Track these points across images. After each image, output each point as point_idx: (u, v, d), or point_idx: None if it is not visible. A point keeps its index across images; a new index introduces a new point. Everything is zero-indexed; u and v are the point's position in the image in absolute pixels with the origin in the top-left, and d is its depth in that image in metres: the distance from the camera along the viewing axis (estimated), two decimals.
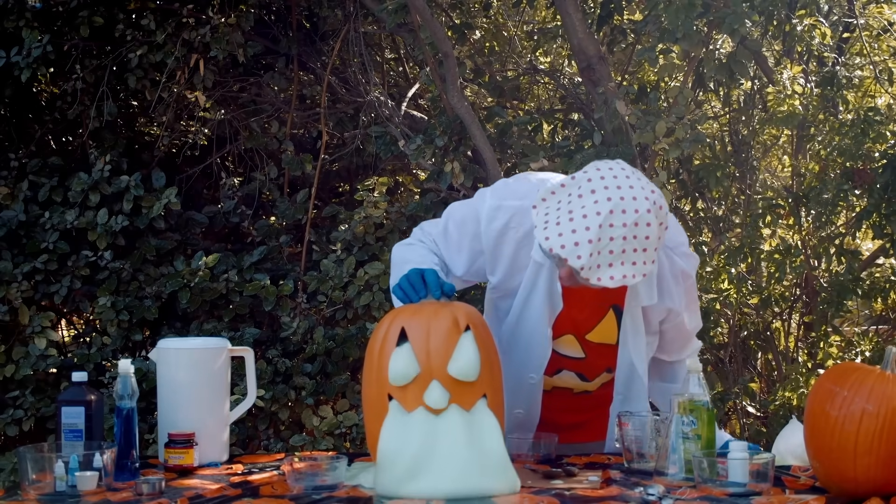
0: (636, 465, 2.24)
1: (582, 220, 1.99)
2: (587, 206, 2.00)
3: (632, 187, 2.02)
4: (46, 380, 4.80)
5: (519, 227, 2.25)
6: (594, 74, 4.31)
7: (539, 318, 2.30)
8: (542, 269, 2.26)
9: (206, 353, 2.38)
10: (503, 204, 2.27)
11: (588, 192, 2.02)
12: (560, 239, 2.00)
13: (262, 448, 4.54)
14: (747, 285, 4.76)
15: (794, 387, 4.48)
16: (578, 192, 2.03)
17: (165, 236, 4.94)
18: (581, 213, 2.00)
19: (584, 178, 2.05)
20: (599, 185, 2.02)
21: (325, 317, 4.69)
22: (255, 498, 1.99)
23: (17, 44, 4.87)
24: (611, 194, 2.00)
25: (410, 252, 2.37)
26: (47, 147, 5.38)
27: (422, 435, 1.99)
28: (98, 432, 2.27)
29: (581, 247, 1.98)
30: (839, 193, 4.37)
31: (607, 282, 2.02)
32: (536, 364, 2.34)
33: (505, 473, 1.99)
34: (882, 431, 1.86)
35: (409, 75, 5.71)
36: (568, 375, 2.43)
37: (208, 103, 5.17)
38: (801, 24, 4.47)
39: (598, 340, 2.35)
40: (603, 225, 1.98)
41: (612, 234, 1.99)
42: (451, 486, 1.95)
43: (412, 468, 1.96)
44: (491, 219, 2.27)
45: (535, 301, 2.29)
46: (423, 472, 1.96)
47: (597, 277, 2.01)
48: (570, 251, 1.99)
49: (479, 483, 1.96)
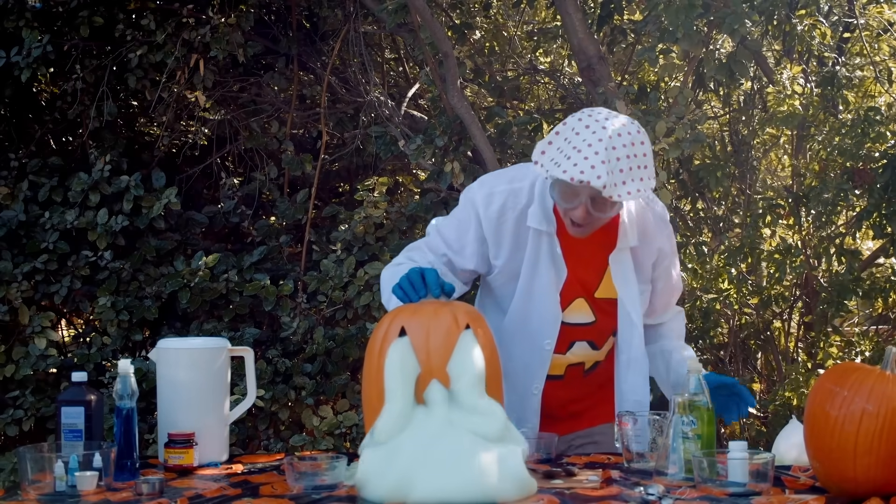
0: (636, 465, 2.24)
1: (588, 148, 2.21)
2: (588, 138, 2.22)
3: (617, 118, 2.28)
4: (46, 380, 4.80)
5: (515, 206, 2.42)
6: (594, 74, 4.31)
7: (548, 285, 2.43)
8: (543, 236, 2.42)
9: (206, 353, 2.39)
10: (494, 190, 2.44)
11: (584, 129, 2.24)
12: (577, 168, 2.20)
13: (262, 448, 4.55)
14: (747, 285, 4.76)
15: (794, 387, 4.47)
16: (574, 131, 2.25)
17: (165, 236, 4.94)
18: (586, 144, 2.22)
19: (573, 121, 2.28)
20: (590, 121, 2.26)
21: (325, 317, 4.69)
22: (255, 498, 2.00)
23: (17, 44, 4.87)
24: (604, 125, 2.25)
25: (401, 270, 2.36)
26: (47, 147, 5.38)
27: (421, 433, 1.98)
28: (98, 432, 2.28)
29: (597, 168, 2.19)
30: (839, 193, 4.37)
31: (626, 196, 2.22)
32: (550, 330, 2.45)
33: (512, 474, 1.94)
34: (882, 431, 1.87)
35: (409, 75, 5.71)
36: (580, 347, 2.50)
37: (208, 103, 5.17)
38: (801, 24, 4.47)
39: (605, 296, 2.48)
40: (608, 148, 2.20)
41: (618, 155, 2.21)
42: (457, 488, 1.90)
43: (411, 468, 1.95)
44: (487, 204, 2.42)
45: (542, 269, 2.43)
46: (424, 472, 1.95)
47: (617, 194, 2.22)
48: (589, 174, 2.19)
49: (486, 485, 1.91)
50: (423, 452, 1.94)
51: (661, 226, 2.52)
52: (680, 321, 2.68)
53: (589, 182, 2.19)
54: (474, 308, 2.18)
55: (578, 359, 2.52)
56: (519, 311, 2.46)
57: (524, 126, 4.80)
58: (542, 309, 2.44)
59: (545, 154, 2.29)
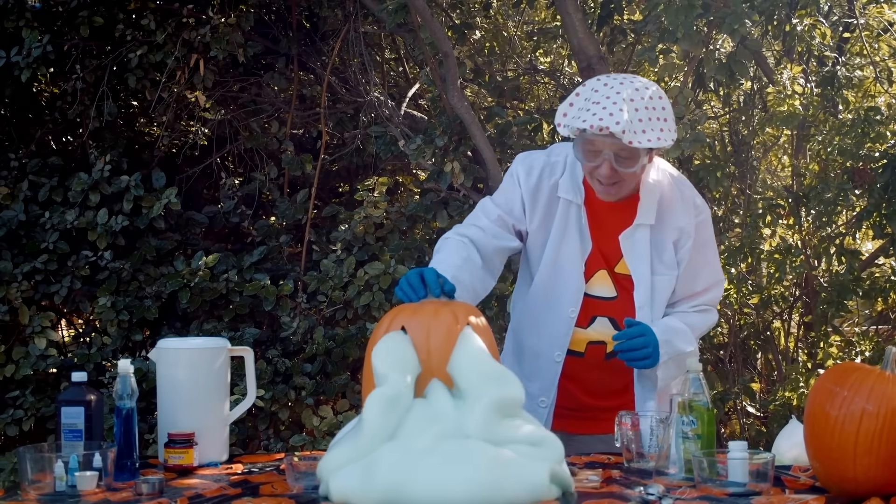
0: (636, 465, 2.24)
1: (607, 100, 2.33)
2: (607, 92, 2.35)
3: (637, 79, 2.42)
4: (46, 380, 4.80)
5: (551, 178, 2.56)
6: (594, 74, 4.29)
7: (573, 254, 2.53)
8: (572, 207, 2.54)
9: (206, 353, 2.39)
10: (532, 164, 2.59)
11: (603, 86, 2.38)
12: (596, 117, 2.31)
13: (262, 448, 4.54)
14: (747, 285, 4.76)
15: (794, 387, 4.48)
16: (594, 88, 2.38)
17: (165, 236, 4.94)
18: (605, 96, 2.34)
19: (592, 82, 2.42)
20: (608, 79, 2.41)
21: (325, 317, 4.69)
22: (254, 497, 2.00)
23: (17, 44, 4.87)
24: (622, 80, 2.40)
25: (446, 244, 2.53)
26: (47, 147, 5.38)
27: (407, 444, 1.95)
28: (98, 432, 2.28)
29: (615, 115, 2.30)
30: (839, 193, 4.37)
31: (646, 143, 2.32)
32: (573, 298, 2.54)
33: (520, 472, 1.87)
34: (882, 431, 1.87)
35: (409, 75, 5.71)
36: (601, 324, 2.55)
37: (208, 103, 5.17)
38: (801, 24, 4.47)
39: (623, 272, 2.55)
40: (626, 99, 2.33)
41: (637, 106, 2.33)
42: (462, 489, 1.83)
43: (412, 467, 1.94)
44: (528, 175, 2.57)
45: (569, 239, 2.54)
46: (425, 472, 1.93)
47: (637, 141, 2.31)
48: (608, 121, 2.30)
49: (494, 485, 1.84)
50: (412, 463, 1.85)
51: (686, 207, 2.55)
52: (702, 318, 2.62)
53: (608, 128, 2.28)
54: (476, 309, 2.18)
55: (600, 336, 2.55)
56: (545, 278, 2.56)
57: (524, 126, 4.80)
58: (566, 277, 2.54)
59: (567, 116, 2.41)
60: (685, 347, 2.50)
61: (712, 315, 2.66)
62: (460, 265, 2.40)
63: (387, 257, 4.54)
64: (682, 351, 2.49)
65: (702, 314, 2.62)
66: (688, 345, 2.52)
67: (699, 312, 2.62)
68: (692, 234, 2.55)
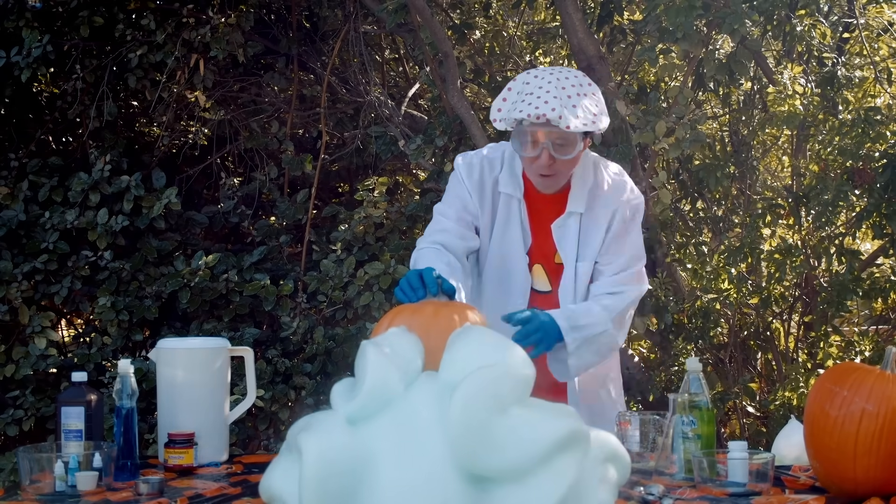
0: (636, 465, 2.24)
1: (540, 90, 2.41)
2: (539, 83, 2.43)
3: (566, 69, 2.53)
4: (46, 380, 4.80)
5: (491, 173, 2.61)
6: (594, 74, 4.31)
7: (517, 249, 2.58)
8: (512, 201, 2.58)
9: (206, 353, 2.39)
10: (472, 161, 2.64)
11: (534, 78, 2.46)
12: (532, 106, 2.39)
13: (262, 448, 4.55)
14: (747, 285, 4.75)
15: (794, 387, 4.47)
16: (525, 81, 2.46)
17: (165, 236, 4.94)
18: (538, 86, 2.42)
19: (523, 75, 2.49)
20: (539, 71, 2.48)
21: (325, 317, 4.69)
22: (254, 497, 2.00)
23: (17, 44, 4.87)
24: (552, 70, 2.48)
25: (420, 255, 2.54)
26: (47, 147, 5.38)
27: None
28: (98, 432, 2.28)
29: (550, 103, 2.38)
30: (839, 193, 4.37)
31: (581, 126, 2.38)
32: (521, 289, 2.58)
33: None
34: (882, 431, 1.87)
35: (409, 75, 5.71)
36: None
37: (208, 103, 5.17)
38: (801, 24, 4.47)
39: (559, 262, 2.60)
40: (557, 87, 2.41)
41: (568, 93, 2.41)
42: None
43: None
44: (469, 172, 2.62)
45: (511, 233, 2.58)
46: None
47: (566, 124, 2.36)
48: (543, 108, 2.37)
49: None
50: None
51: (618, 191, 2.58)
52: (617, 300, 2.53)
53: (545, 115, 2.35)
54: (475, 309, 2.17)
55: None
56: (493, 274, 2.60)
57: None
58: (513, 273, 2.58)
59: (501, 111, 2.49)
60: (595, 329, 2.44)
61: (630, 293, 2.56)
62: (448, 272, 2.38)
63: (387, 257, 4.55)
64: (593, 333, 2.43)
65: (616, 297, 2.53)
66: (598, 326, 2.46)
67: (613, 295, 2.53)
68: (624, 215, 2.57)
